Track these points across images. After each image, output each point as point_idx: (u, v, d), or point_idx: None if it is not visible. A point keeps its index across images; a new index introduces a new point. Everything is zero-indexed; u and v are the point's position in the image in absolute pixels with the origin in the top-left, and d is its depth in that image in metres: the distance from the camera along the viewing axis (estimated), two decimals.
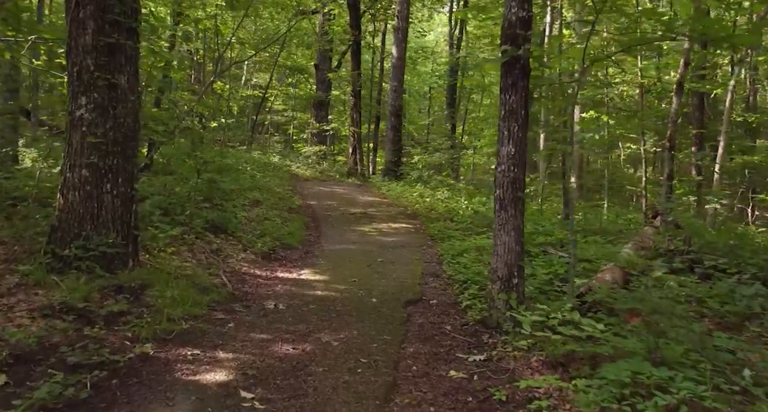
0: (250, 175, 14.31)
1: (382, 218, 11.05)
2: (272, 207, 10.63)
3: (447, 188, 14.15)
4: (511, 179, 5.25)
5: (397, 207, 12.63)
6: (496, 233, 5.32)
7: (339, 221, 10.73)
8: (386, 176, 17.83)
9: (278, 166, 19.50)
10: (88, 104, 5.64)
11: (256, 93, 30.84)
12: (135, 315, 4.95)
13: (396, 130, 18.34)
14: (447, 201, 12.81)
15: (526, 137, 5.32)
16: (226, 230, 8.22)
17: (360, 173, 21.35)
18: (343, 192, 15.26)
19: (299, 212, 11.26)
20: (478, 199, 13.01)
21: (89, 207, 5.61)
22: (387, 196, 14.47)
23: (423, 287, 6.59)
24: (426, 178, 15.73)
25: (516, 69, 5.21)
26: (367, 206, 12.62)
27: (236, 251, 7.57)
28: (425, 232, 9.82)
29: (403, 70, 18.40)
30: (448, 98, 20.75)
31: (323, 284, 6.53)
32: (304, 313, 5.51)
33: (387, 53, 27.89)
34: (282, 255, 7.85)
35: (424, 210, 11.89)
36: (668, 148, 10.22)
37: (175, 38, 12.24)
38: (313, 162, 21.97)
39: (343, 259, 7.78)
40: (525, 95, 5.25)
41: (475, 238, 8.80)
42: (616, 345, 4.06)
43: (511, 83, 5.23)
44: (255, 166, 16.75)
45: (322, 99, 25.86)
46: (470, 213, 11.03)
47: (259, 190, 12.14)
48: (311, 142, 27.61)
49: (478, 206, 11.97)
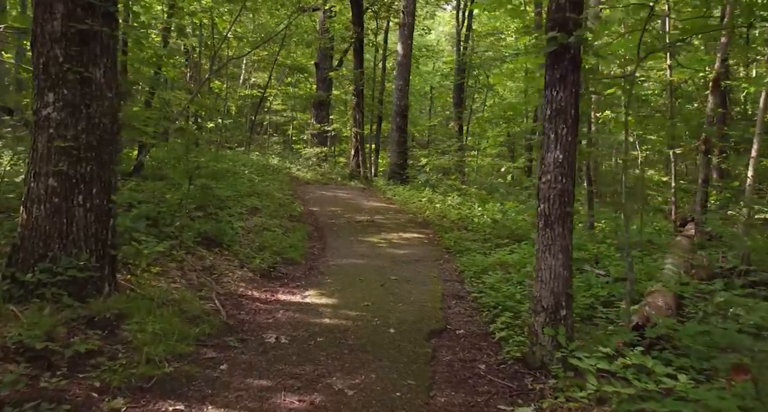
0: (248, 179, 13.46)
1: (391, 227, 10.20)
2: (272, 215, 9.77)
3: (458, 193, 13.31)
4: (558, 191, 4.40)
5: (405, 214, 11.78)
6: (540, 255, 4.47)
7: (345, 230, 9.87)
8: (391, 179, 16.99)
9: (278, 168, 18.65)
10: (57, 102, 4.78)
11: (254, 92, 29.98)
12: (107, 355, 4.09)
13: (401, 130, 17.50)
14: (459, 207, 11.97)
15: (576, 141, 4.48)
16: (221, 243, 7.37)
17: (363, 176, 20.53)
18: (347, 197, 14.41)
19: (301, 221, 10.40)
20: (491, 205, 12.17)
21: (57, 223, 4.75)
22: (393, 202, 13.63)
23: (446, 312, 5.74)
24: (434, 182, 14.89)
25: (565, 60, 4.37)
26: (373, 212, 11.77)
27: (232, 269, 6.71)
28: (440, 243, 8.97)
29: (409, 68, 17.57)
30: (455, 98, 19.90)
31: (331, 309, 5.67)
32: (311, 348, 4.66)
33: (390, 51, 27.05)
34: (283, 272, 6.99)
35: (435, 218, 11.04)
36: (704, 151, 9.38)
37: (168, 32, 11.39)
38: (314, 164, 21.12)
39: (352, 276, 6.93)
40: (576, 91, 4.40)
41: (498, 251, 7.95)
42: (710, 405, 3.21)
43: (559, 77, 4.38)
44: (253, 168, 15.90)
45: (323, 99, 25.05)
46: (486, 221, 10.19)
47: (258, 196, 11.29)
48: (311, 143, 26.80)
49: (494, 213, 11.12)
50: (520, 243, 8.26)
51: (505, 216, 10.42)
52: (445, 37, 39.38)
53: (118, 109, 5.18)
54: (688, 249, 8.58)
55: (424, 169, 16.30)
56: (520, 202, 12.84)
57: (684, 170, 18.92)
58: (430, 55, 27.63)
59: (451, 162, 14.71)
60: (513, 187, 18.47)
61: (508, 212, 10.96)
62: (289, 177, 17.58)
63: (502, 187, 16.74)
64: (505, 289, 6.02)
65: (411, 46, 17.62)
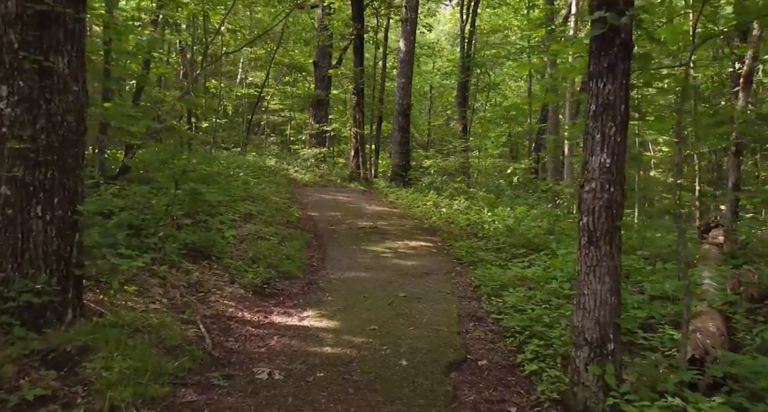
0: (243, 181, 12.74)
1: (396, 234, 9.48)
2: (267, 222, 9.05)
3: (464, 197, 12.60)
4: (605, 202, 3.69)
5: (410, 219, 11.07)
6: (583, 279, 3.76)
7: (346, 237, 9.15)
8: (393, 182, 16.27)
9: (275, 170, 17.93)
10: (11, 96, 4.07)
11: (251, 91, 29.25)
12: (62, 402, 3.37)
13: (404, 131, 16.78)
14: (467, 212, 11.26)
15: (626, 143, 3.77)
16: (210, 255, 6.65)
17: (363, 177, 19.84)
18: (347, 200, 13.70)
19: (299, 227, 9.68)
20: (501, 209, 11.45)
21: (10, 238, 4.04)
22: (397, 206, 12.92)
23: (464, 338, 5.02)
24: (439, 184, 14.17)
25: (614, 46, 3.65)
26: (376, 217, 11.05)
27: (221, 285, 5.99)
28: (450, 253, 8.26)
29: (412, 65, 16.86)
30: (459, 97, 19.18)
31: (333, 334, 4.95)
32: (310, 387, 3.94)
33: (390, 49, 26.35)
34: (279, 288, 6.27)
35: (442, 224, 10.33)
36: (734, 152, 8.69)
37: (156, 26, 10.66)
38: (312, 165, 20.41)
39: (355, 293, 6.21)
40: (626, 83, 3.69)
41: (515, 263, 7.24)
42: None
43: (607, 66, 3.67)
44: (249, 170, 15.18)
45: (321, 98, 24.37)
46: (498, 228, 9.47)
47: (253, 200, 10.57)
48: (309, 144, 26.12)
49: (504, 218, 10.41)
50: (539, 253, 7.56)
51: (518, 222, 9.71)
52: (444, 37, 38.73)
53: (85, 106, 4.46)
54: (719, 259, 7.88)
55: (428, 171, 15.58)
56: (530, 205, 12.14)
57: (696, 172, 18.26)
58: (431, 53, 26.91)
59: (457, 163, 13.99)
60: (520, 190, 17.79)
61: (521, 217, 10.26)
62: (287, 179, 16.86)
63: (508, 190, 16.03)
64: (530, 310, 5.31)
65: (414, 42, 16.91)
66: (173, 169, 7.04)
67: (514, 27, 23.91)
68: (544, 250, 7.70)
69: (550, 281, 6.11)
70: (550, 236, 8.65)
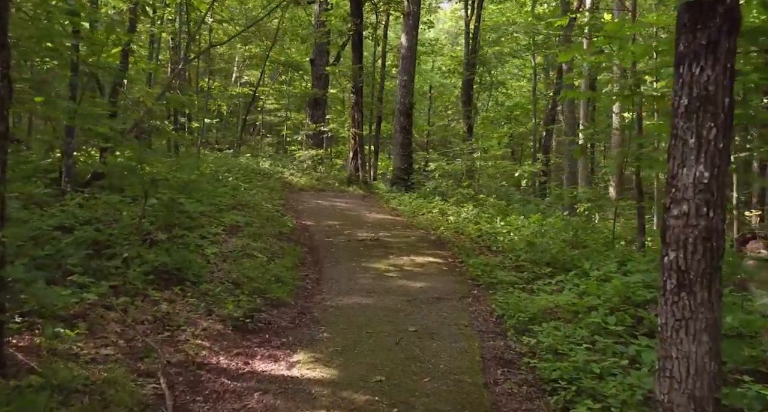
0: (233, 187, 11.74)
1: (400, 248, 8.47)
2: (256, 235, 8.04)
3: (473, 203, 11.59)
4: (702, 232, 2.69)
5: (415, 229, 10.06)
6: (669, 335, 2.77)
7: (345, 252, 8.15)
8: (395, 186, 15.26)
9: (269, 173, 16.93)
10: None
11: (245, 90, 28.23)
12: None
13: (406, 131, 15.76)
14: (477, 221, 10.25)
15: (729, 149, 2.77)
16: (185, 279, 5.64)
17: (362, 181, 18.85)
18: (346, 206, 12.70)
19: (293, 240, 8.67)
20: (513, 217, 10.45)
21: None
22: (399, 213, 11.91)
23: (493, 392, 4.01)
24: (445, 189, 13.17)
25: (716, 16, 2.66)
26: (377, 227, 10.05)
27: (195, 318, 4.97)
28: (463, 272, 7.26)
29: (414, 62, 15.86)
30: (464, 95, 18.17)
31: (329, 389, 3.94)
32: None
33: (390, 47, 25.36)
34: (265, 321, 5.25)
35: (451, 235, 9.32)
36: None
37: (135, 15, 9.64)
38: (309, 167, 19.40)
39: (356, 327, 5.20)
40: (731, 68, 2.70)
41: (542, 286, 6.24)
42: None
43: (706, 44, 2.67)
44: (240, 174, 14.18)
45: (318, 97, 23.38)
46: (515, 241, 8.48)
47: (242, 208, 9.56)
48: (306, 145, 25.15)
49: (520, 229, 9.41)
50: (567, 273, 6.56)
51: (538, 235, 8.71)
52: (444, 35, 37.76)
53: (6, 101, 3.45)
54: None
55: (432, 175, 14.55)
56: (544, 213, 11.15)
57: None
58: (432, 51, 25.91)
59: (464, 167, 12.97)
60: (529, 194, 16.82)
61: (541, 228, 9.26)
62: (281, 183, 15.86)
63: (517, 195, 15.05)
64: (572, 353, 4.31)
65: (416, 37, 15.92)
66: (141, 177, 6.03)
67: (520, 23, 22.87)
68: (572, 269, 6.70)
69: (588, 312, 5.11)
70: (575, 251, 7.65)
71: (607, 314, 4.96)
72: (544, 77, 28.14)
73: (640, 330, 4.75)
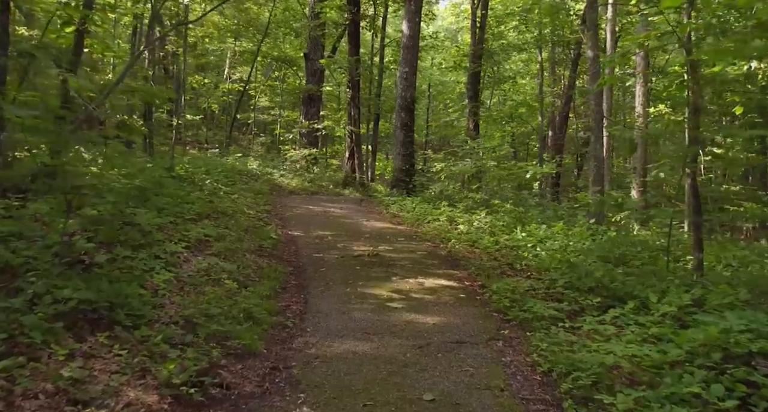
0: (211, 191, 10.26)
1: (405, 266, 7.00)
2: (229, 251, 6.56)
3: (485, 209, 10.12)
4: None
5: (421, 241, 8.59)
6: None
7: (337, 272, 6.67)
8: (395, 189, 13.77)
9: (257, 174, 15.46)
10: None
11: (236, 87, 26.72)
12: None
13: (407, 128, 14.26)
14: (493, 231, 8.79)
15: None
16: (117, 321, 4.15)
17: (359, 183, 17.40)
18: (341, 213, 11.23)
19: (275, 256, 7.19)
20: (534, 227, 8.99)
21: None
22: (401, 221, 10.44)
23: None
24: (452, 193, 11.70)
25: None
26: (377, 238, 8.58)
27: (119, 385, 3.48)
28: (486, 300, 5.77)
29: (417, 52, 14.37)
30: (470, 90, 16.64)
31: None
32: None
33: (389, 40, 23.91)
34: (220, 387, 3.75)
35: (464, 249, 7.86)
36: None
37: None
38: (302, 168, 17.90)
39: (350, 393, 3.72)
40: None
41: (593, 324, 4.76)
42: None
43: None
44: (223, 176, 12.70)
45: (313, 92, 21.93)
46: (543, 257, 7.01)
47: (217, 218, 8.09)
48: (300, 144, 23.69)
49: (543, 240, 7.95)
50: (622, 305, 5.09)
51: (564, 247, 7.25)
52: (444, 32, 36.32)
53: None
54: None
55: (437, 177, 13.05)
56: (568, 221, 9.70)
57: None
58: (434, 46, 24.39)
59: (474, 169, 11.46)
60: (543, 198, 15.36)
61: (563, 237, 7.81)
62: (270, 185, 14.40)
63: (530, 198, 13.59)
64: None
65: (419, 24, 14.42)
66: (64, 182, 4.55)
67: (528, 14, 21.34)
68: (627, 299, 5.23)
69: (675, 372, 3.64)
70: (622, 272, 6.18)
71: (708, 379, 3.49)
72: (550, 73, 26.69)
73: (761, 406, 3.29)
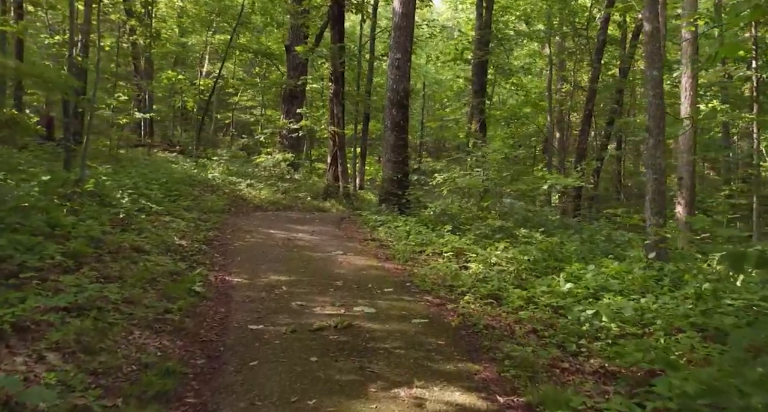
0: (126, 211, 7.49)
1: (392, 355, 4.24)
2: (91, 336, 3.80)
3: (504, 238, 7.40)
4: None
5: (418, 294, 5.82)
6: None
7: (275, 376, 3.90)
8: (384, 204, 11.03)
9: (217, 185, 12.67)
10: None
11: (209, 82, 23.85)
12: None
13: (399, 129, 11.48)
14: (520, 274, 6.05)
15: None
16: None
17: (343, 193, 14.65)
18: (311, 240, 8.48)
19: (183, 332, 4.42)
20: (576, 267, 6.27)
21: None
22: (391, 253, 7.67)
23: None
24: (456, 212, 8.95)
25: None
26: (354, 288, 5.82)
27: None
28: None
29: (411, 34, 11.63)
30: (475, 83, 13.83)
31: None
32: None
33: (380, 29, 21.19)
34: None
35: (482, 310, 5.11)
36: None
37: None
38: (276, 175, 15.11)
39: None
40: None
41: None
42: None
43: None
44: (165, 189, 9.94)
45: (292, 87, 19.22)
46: (611, 330, 4.30)
47: (113, 260, 5.32)
48: (280, 147, 20.93)
49: (602, 297, 5.23)
50: None
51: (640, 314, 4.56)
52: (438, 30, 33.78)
53: None
54: None
55: (438, 190, 10.26)
56: (624, 258, 6.99)
57: None
58: (432, 34, 21.66)
59: (487, 182, 8.57)
60: (564, 215, 12.65)
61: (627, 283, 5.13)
62: (231, 199, 11.63)
63: (551, 215, 10.89)
64: None
65: (414, 1, 11.67)
66: None
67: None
68: None
69: None
70: None
71: None
72: (558, 69, 24.06)
73: None
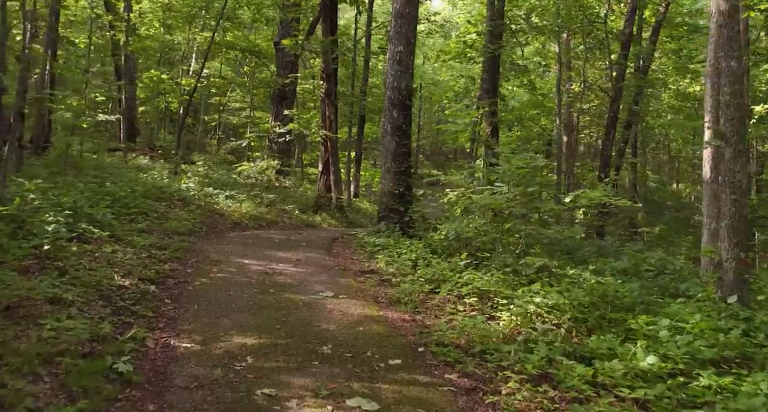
0: (53, 240, 5.80)
1: None
2: None
3: (543, 279, 5.76)
4: None
5: (437, 367, 4.16)
6: None
7: None
8: (384, 222, 9.37)
9: (190, 197, 10.97)
10: None
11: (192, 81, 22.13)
12: None
13: (401, 134, 9.82)
14: (570, 333, 4.42)
15: None
16: None
17: (336, 205, 13.03)
18: (293, 274, 6.80)
19: None
20: (643, 320, 4.62)
21: None
22: (395, 295, 5.99)
23: None
24: (473, 235, 7.27)
25: None
26: (346, 359, 4.17)
27: None
28: None
29: (415, 23, 10.01)
30: (487, 81, 12.13)
31: None
32: None
33: (377, 24, 19.60)
34: None
35: (529, 392, 3.47)
36: None
37: None
38: (261, 185, 13.45)
39: None
40: None
41: None
42: None
43: None
44: (121, 206, 8.28)
45: (284, 88, 17.64)
46: None
47: None
48: (268, 152, 19.34)
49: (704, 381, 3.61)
50: None
51: None
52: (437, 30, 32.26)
53: None
54: None
55: (451, 211, 8.54)
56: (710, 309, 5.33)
57: None
58: (431, 31, 20.02)
59: (512, 203, 6.81)
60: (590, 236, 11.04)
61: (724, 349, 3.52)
62: (205, 215, 9.97)
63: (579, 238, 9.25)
64: None
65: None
66: None
67: None
68: None
69: None
70: None
71: None
72: (566, 69, 22.50)
73: None
